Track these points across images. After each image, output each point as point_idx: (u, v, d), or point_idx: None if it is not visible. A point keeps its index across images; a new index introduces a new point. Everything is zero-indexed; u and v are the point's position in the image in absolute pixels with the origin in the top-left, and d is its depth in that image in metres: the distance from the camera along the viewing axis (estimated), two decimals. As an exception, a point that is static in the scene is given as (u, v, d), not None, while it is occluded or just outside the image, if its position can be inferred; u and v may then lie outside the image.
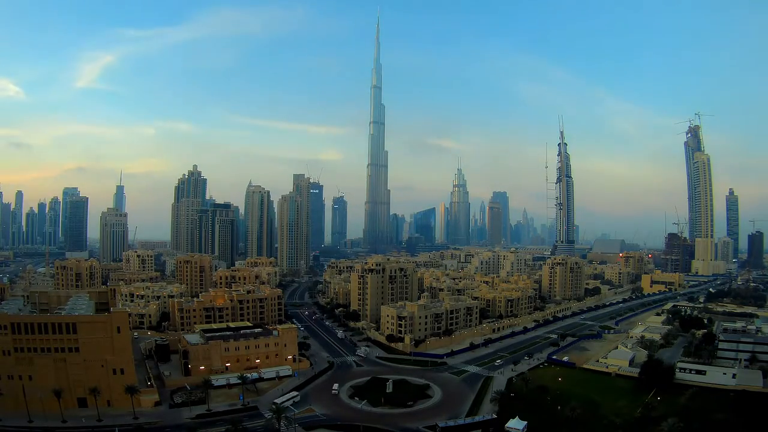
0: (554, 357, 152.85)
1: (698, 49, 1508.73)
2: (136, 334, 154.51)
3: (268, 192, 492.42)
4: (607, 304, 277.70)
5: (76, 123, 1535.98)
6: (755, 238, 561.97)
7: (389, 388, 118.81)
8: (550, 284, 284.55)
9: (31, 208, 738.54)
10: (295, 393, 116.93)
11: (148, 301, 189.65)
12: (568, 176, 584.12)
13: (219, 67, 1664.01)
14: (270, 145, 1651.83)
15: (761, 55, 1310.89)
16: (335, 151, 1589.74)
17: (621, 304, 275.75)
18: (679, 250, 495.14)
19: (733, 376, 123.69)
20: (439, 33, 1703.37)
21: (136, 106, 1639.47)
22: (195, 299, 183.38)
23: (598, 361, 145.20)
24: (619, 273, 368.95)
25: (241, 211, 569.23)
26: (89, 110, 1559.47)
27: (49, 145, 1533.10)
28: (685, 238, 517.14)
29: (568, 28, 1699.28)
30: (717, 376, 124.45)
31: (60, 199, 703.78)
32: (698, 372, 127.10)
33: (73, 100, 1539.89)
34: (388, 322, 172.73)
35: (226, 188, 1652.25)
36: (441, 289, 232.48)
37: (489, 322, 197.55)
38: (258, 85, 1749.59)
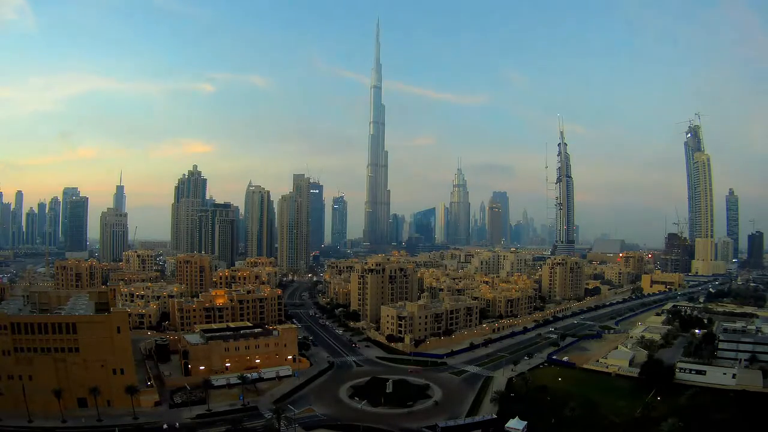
0: (554, 357, 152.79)
1: (698, 48, 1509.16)
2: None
3: (268, 192, 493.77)
4: (607, 304, 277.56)
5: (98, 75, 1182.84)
6: (755, 238, 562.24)
7: (389, 388, 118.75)
8: (550, 284, 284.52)
9: (31, 208, 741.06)
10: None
11: (148, 301, 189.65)
12: (568, 176, 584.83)
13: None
14: (269, 144, 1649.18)
15: (762, 54, 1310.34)
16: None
17: (621, 304, 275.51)
18: (679, 250, 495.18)
19: (733, 376, 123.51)
20: (438, 31, 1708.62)
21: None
22: (195, 299, 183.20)
23: (598, 361, 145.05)
24: (619, 273, 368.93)
25: (241, 211, 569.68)
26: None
27: (57, 114, 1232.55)
28: (685, 238, 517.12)
29: (566, 28, 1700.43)
30: (717, 376, 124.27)
31: (60, 199, 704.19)
32: (698, 372, 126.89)
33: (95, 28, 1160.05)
34: (388, 322, 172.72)
35: (226, 188, 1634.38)
36: (441, 289, 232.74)
37: (489, 322, 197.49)
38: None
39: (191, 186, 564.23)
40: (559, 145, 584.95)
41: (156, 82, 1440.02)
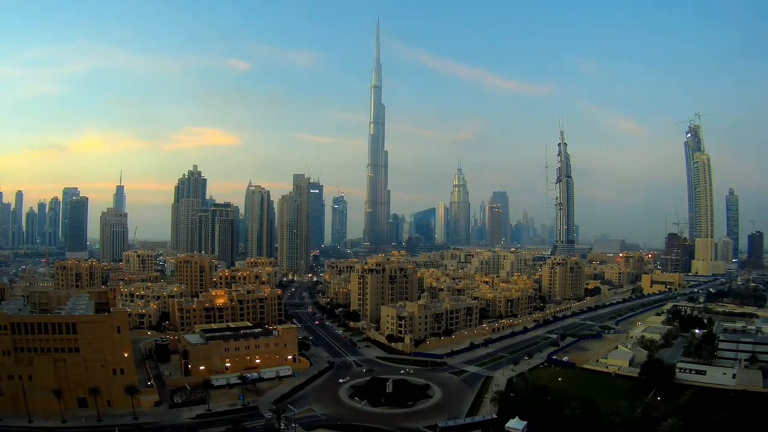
0: (554, 357, 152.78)
1: (698, 48, 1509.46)
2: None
3: (268, 192, 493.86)
4: (607, 304, 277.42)
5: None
6: (755, 238, 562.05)
7: (389, 388, 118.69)
8: (550, 284, 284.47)
9: (31, 208, 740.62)
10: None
11: (148, 301, 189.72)
12: (568, 176, 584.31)
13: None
14: (269, 145, 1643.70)
15: (761, 54, 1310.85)
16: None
17: (621, 304, 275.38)
18: (679, 250, 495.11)
19: (733, 376, 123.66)
20: (437, 31, 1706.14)
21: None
22: (195, 299, 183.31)
23: (598, 361, 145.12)
24: (619, 273, 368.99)
25: (241, 211, 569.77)
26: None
27: (57, 96, 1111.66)
28: (685, 238, 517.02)
29: (566, 28, 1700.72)
30: (717, 376, 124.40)
31: (60, 199, 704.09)
32: (698, 372, 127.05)
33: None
34: (388, 322, 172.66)
35: (226, 188, 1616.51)
36: (441, 289, 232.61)
37: (489, 322, 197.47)
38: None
39: (191, 186, 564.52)
40: (559, 145, 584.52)
41: (176, 57, 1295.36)
